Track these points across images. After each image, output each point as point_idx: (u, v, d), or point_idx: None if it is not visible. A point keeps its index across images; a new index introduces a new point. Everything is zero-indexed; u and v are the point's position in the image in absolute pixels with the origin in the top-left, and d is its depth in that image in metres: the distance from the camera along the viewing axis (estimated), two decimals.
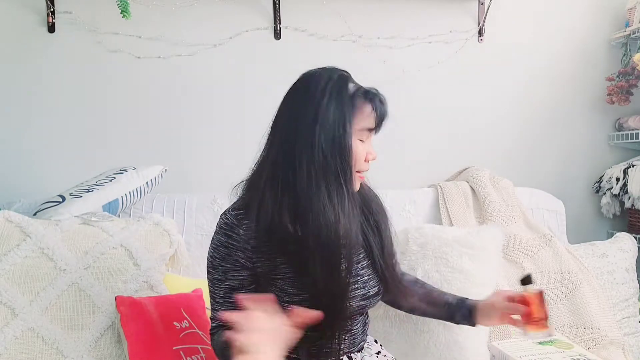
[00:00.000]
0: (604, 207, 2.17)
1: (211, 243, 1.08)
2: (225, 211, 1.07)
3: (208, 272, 1.08)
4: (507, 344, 1.48)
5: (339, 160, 0.99)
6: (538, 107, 2.20)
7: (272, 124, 1.06)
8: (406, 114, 2.12)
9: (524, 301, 1.14)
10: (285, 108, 1.05)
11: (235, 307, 1.02)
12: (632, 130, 2.10)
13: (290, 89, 1.06)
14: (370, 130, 1.06)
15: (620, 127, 2.19)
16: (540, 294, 1.14)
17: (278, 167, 1.01)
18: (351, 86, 1.04)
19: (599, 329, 1.57)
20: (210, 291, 1.08)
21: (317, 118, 0.99)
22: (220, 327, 1.06)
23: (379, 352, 1.17)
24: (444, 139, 2.15)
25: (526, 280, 1.16)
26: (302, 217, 0.99)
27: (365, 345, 1.16)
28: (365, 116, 1.04)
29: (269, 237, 1.01)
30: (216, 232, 1.07)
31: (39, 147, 1.95)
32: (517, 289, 1.18)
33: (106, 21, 1.94)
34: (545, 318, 1.13)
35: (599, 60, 2.21)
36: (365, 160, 1.06)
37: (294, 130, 1.00)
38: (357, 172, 1.05)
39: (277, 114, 1.06)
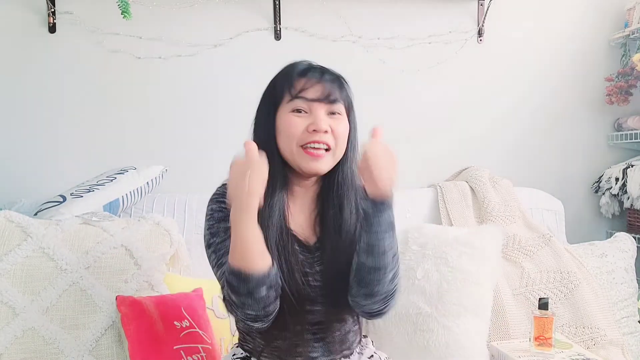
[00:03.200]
0: (603, 207, 2.17)
1: (206, 215, 1.06)
2: (219, 186, 1.09)
3: (208, 245, 1.03)
4: (506, 344, 1.49)
5: (265, 135, 1.05)
6: (537, 107, 2.20)
7: None
8: (406, 114, 2.12)
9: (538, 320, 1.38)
10: None
11: None
12: (631, 130, 2.11)
13: None
14: (311, 100, 1.02)
15: (619, 127, 2.20)
16: (552, 319, 1.38)
17: None
18: (295, 66, 1.06)
19: (598, 328, 1.57)
20: (215, 261, 1.02)
21: (258, 106, 1.09)
22: None
23: (372, 356, 1.14)
24: (443, 139, 2.15)
25: (542, 306, 1.38)
26: None
27: (357, 349, 1.12)
28: (299, 88, 1.02)
29: None
30: (209, 202, 1.06)
31: (40, 147, 1.95)
32: (533, 311, 1.41)
33: (107, 21, 1.94)
34: (551, 338, 1.37)
35: (598, 61, 2.21)
36: (308, 131, 1.01)
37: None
38: (302, 146, 1.01)
39: None
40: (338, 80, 1.07)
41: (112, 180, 1.67)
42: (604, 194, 2.16)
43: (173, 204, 1.77)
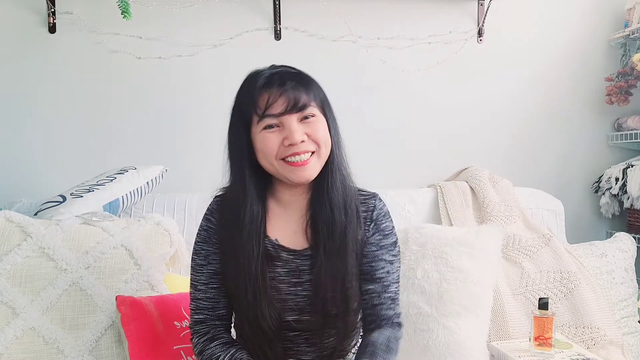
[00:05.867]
0: (603, 207, 2.17)
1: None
2: (215, 195, 1.12)
3: (192, 259, 1.09)
4: (506, 344, 1.49)
5: (241, 153, 1.04)
6: (537, 108, 2.20)
7: None
8: (406, 115, 2.12)
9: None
10: None
11: (218, 293, 1.06)
12: (631, 130, 2.11)
13: None
14: (279, 115, 0.98)
15: (619, 127, 2.20)
16: (552, 319, 1.37)
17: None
18: (255, 80, 1.03)
19: (598, 328, 1.57)
20: (191, 280, 1.08)
21: (229, 121, 1.07)
22: (205, 321, 1.05)
23: None
24: (443, 139, 2.15)
25: (542, 306, 1.38)
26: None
27: (352, 350, 1.11)
28: (264, 106, 0.99)
29: None
30: (202, 218, 1.11)
31: (40, 147, 1.95)
32: (533, 311, 1.41)
33: (107, 22, 1.94)
34: (551, 338, 1.37)
35: (598, 61, 2.21)
36: (284, 145, 0.99)
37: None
38: (284, 160, 1.00)
39: None
40: (302, 82, 1.02)
41: (112, 180, 1.67)
42: (604, 194, 2.16)
43: (173, 204, 1.77)
